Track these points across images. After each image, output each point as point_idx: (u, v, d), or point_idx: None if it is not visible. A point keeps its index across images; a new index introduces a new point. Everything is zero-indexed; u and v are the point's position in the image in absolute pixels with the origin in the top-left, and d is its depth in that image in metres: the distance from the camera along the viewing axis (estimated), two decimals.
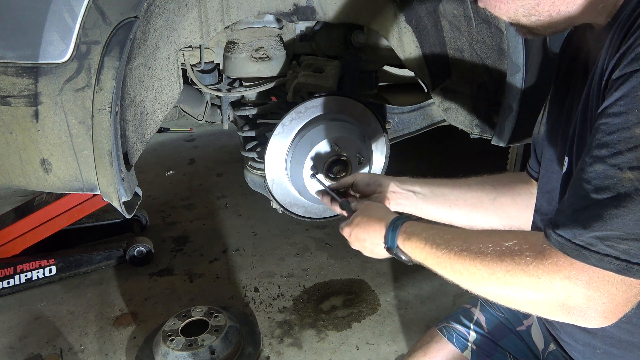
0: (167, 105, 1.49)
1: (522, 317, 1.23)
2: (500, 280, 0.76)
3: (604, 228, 0.65)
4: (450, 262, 0.85)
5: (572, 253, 0.68)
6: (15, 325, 2.19)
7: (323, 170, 1.54)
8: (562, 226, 0.70)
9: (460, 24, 1.56)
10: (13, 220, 2.42)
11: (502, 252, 0.77)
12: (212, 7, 1.51)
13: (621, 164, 0.65)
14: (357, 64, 1.81)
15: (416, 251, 0.93)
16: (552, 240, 0.71)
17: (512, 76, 1.48)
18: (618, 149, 0.66)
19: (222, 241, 2.83)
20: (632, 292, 0.68)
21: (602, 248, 0.66)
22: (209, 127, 4.54)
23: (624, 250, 0.65)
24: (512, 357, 1.20)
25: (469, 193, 1.23)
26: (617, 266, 0.65)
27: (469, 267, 0.81)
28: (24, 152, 1.19)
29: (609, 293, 0.68)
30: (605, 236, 0.65)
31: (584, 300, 0.69)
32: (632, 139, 0.65)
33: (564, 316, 0.72)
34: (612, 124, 0.67)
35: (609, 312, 0.69)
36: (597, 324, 0.70)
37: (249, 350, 2.00)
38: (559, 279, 0.70)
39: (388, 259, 1.04)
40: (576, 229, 0.68)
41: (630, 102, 0.65)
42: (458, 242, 0.85)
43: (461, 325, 1.25)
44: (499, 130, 1.60)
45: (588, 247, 0.67)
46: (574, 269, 0.69)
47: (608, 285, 0.67)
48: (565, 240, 0.69)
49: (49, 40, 1.08)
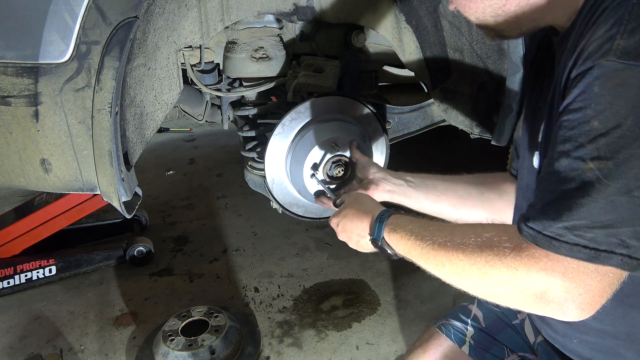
0: (167, 105, 1.49)
1: (516, 311, 1.25)
2: (480, 270, 0.78)
3: (571, 218, 0.68)
4: (434, 253, 0.86)
5: (543, 245, 0.71)
6: (15, 325, 2.19)
7: (323, 170, 1.54)
8: (533, 219, 0.72)
9: (460, 24, 1.56)
10: (13, 220, 2.42)
11: (483, 243, 0.79)
12: (212, 7, 1.51)
13: (584, 155, 0.68)
14: (357, 64, 1.81)
15: (401, 243, 0.95)
16: (524, 234, 0.73)
17: (512, 76, 1.48)
18: (580, 142, 0.69)
19: (222, 241, 2.83)
20: (606, 281, 0.70)
21: (570, 238, 0.68)
22: (209, 127, 4.54)
23: (591, 238, 0.67)
24: (508, 350, 1.22)
25: (458, 186, 1.27)
26: (586, 254, 0.68)
27: (452, 257, 0.82)
28: (24, 152, 1.19)
29: (585, 284, 0.69)
30: (573, 226, 0.68)
31: (561, 292, 0.71)
32: (591, 131, 0.68)
33: (542, 309, 0.74)
34: (573, 120, 0.70)
35: (585, 304, 0.70)
36: (575, 316, 0.72)
37: (249, 350, 2.00)
38: (536, 271, 0.72)
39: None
40: (546, 221, 0.70)
41: (587, 98, 0.69)
42: (442, 235, 0.87)
43: (459, 322, 1.27)
44: (499, 130, 1.60)
45: (558, 237, 0.69)
46: (550, 260, 0.71)
47: (583, 275, 0.69)
48: (536, 232, 0.71)
49: (49, 40, 1.08)
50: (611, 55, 0.68)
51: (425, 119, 2.02)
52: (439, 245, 0.85)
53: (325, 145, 1.52)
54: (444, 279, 0.86)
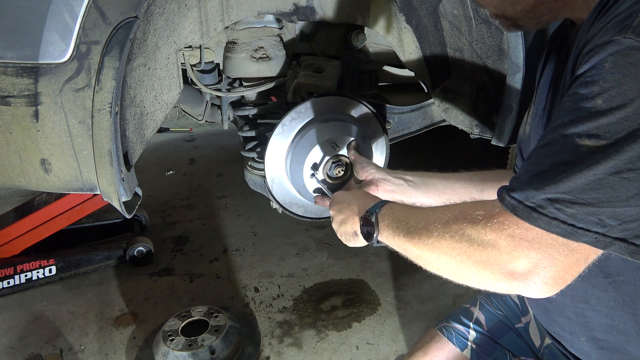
0: (167, 105, 1.49)
1: (519, 314, 1.24)
2: (453, 239, 0.78)
3: (555, 190, 0.66)
4: (415, 227, 0.86)
5: (522, 215, 0.69)
6: (15, 325, 2.19)
7: (323, 170, 1.54)
8: (517, 189, 0.71)
9: (460, 24, 1.56)
10: (13, 220, 2.42)
11: (458, 213, 0.79)
12: (212, 7, 1.51)
13: (581, 131, 0.66)
14: (357, 64, 1.81)
15: (391, 219, 0.95)
16: (505, 203, 0.72)
17: (512, 76, 1.48)
18: (579, 117, 0.67)
19: (222, 241, 2.83)
20: (573, 257, 0.69)
21: (551, 211, 0.67)
22: (209, 127, 4.54)
23: (571, 214, 0.66)
24: (511, 354, 1.21)
25: (458, 183, 1.27)
26: (563, 230, 0.66)
27: (429, 228, 0.82)
28: (24, 152, 1.19)
29: (551, 257, 0.68)
30: (556, 199, 0.66)
31: (526, 263, 0.70)
32: (593, 108, 0.66)
33: (506, 282, 0.73)
34: (578, 94, 0.68)
35: (551, 278, 0.69)
36: (539, 291, 0.71)
37: (249, 350, 2.00)
38: (503, 237, 0.71)
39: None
40: (529, 191, 0.69)
41: (596, 73, 0.67)
42: (427, 213, 0.87)
43: (461, 325, 1.25)
44: (498, 130, 1.60)
45: (538, 209, 0.68)
46: (519, 227, 0.70)
47: (550, 248, 0.68)
48: (517, 202, 0.70)
49: (49, 40, 1.08)
50: (630, 32, 0.64)
51: (425, 119, 2.02)
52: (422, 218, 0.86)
53: (325, 145, 1.52)
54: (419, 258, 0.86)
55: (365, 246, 1.09)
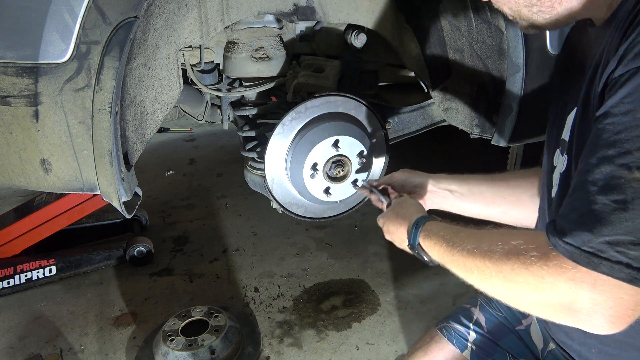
0: (167, 105, 1.49)
1: (521, 316, 1.24)
2: (506, 278, 0.75)
3: (614, 232, 0.62)
4: (463, 260, 0.86)
5: (582, 262, 0.65)
6: (15, 325, 2.19)
7: (323, 170, 1.54)
8: (569, 233, 0.66)
9: (460, 24, 1.56)
10: (13, 220, 2.41)
11: (509, 250, 0.76)
12: (212, 7, 1.51)
13: (630, 163, 0.62)
14: (357, 64, 1.81)
15: (434, 249, 0.96)
16: (560, 250, 0.68)
17: (512, 76, 1.48)
18: (626, 149, 0.62)
19: (222, 241, 2.83)
20: (639, 296, 0.65)
21: (612, 255, 0.62)
22: (209, 127, 4.54)
23: (635, 257, 0.61)
24: (511, 356, 1.20)
25: (508, 190, 1.23)
26: (627, 275, 0.62)
27: (479, 265, 0.81)
28: (24, 152, 1.19)
29: (616, 297, 0.65)
30: (616, 241, 0.62)
31: (590, 304, 0.66)
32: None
33: (570, 320, 0.70)
34: (619, 123, 0.64)
35: (616, 317, 0.66)
36: (604, 329, 0.67)
37: (249, 350, 2.00)
38: (563, 281, 0.68)
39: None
40: (584, 235, 0.64)
41: (637, 100, 0.63)
42: (471, 241, 0.86)
43: (461, 325, 1.25)
44: (499, 130, 1.60)
45: (598, 254, 0.63)
46: (578, 271, 0.66)
47: (615, 288, 0.64)
48: (575, 248, 0.66)
49: (49, 40, 1.08)
50: None
51: (425, 119, 2.02)
52: (467, 252, 0.84)
53: (326, 145, 1.52)
54: (475, 286, 0.85)
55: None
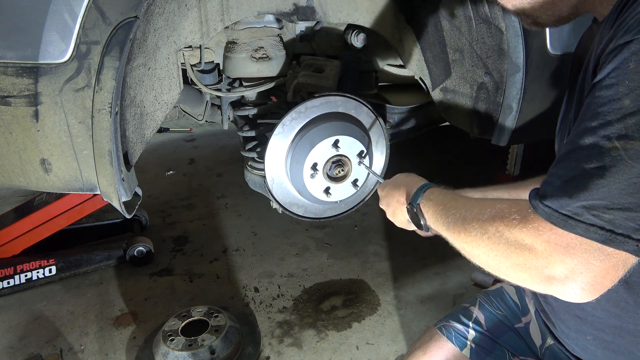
0: (167, 105, 1.49)
1: (520, 314, 1.24)
2: (490, 239, 0.78)
3: (590, 197, 0.65)
4: (454, 222, 0.89)
5: (558, 223, 0.68)
6: (15, 325, 2.19)
7: (323, 170, 1.54)
8: (550, 197, 0.70)
9: (460, 24, 1.56)
10: (13, 220, 2.42)
11: (495, 213, 0.80)
12: (212, 7, 1.51)
13: (610, 134, 0.65)
14: (357, 64, 1.81)
15: (431, 210, 1.00)
16: (539, 212, 0.71)
17: (512, 76, 1.48)
18: (607, 120, 0.66)
19: (222, 241, 2.83)
20: (609, 262, 0.67)
21: (587, 217, 0.66)
22: (209, 127, 4.54)
23: (609, 220, 0.64)
24: (510, 354, 1.21)
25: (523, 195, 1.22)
26: (601, 236, 0.65)
27: (467, 226, 0.84)
28: (24, 152, 1.19)
29: (587, 262, 0.67)
30: (592, 205, 0.65)
31: (562, 268, 0.69)
32: (621, 109, 0.65)
33: (545, 285, 0.72)
34: (604, 96, 0.67)
35: (587, 284, 0.68)
36: (577, 297, 0.70)
37: (249, 350, 2.00)
38: (539, 242, 0.71)
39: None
40: (563, 199, 0.68)
41: (621, 74, 0.66)
42: (466, 207, 0.89)
43: (460, 324, 1.25)
44: (499, 131, 1.60)
45: (574, 216, 0.67)
46: (554, 233, 0.69)
47: (585, 253, 0.67)
48: (552, 210, 0.69)
49: (49, 40, 1.08)
50: None
51: (425, 119, 2.02)
52: (460, 215, 0.88)
53: (326, 145, 1.52)
54: (461, 250, 0.87)
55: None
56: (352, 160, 1.57)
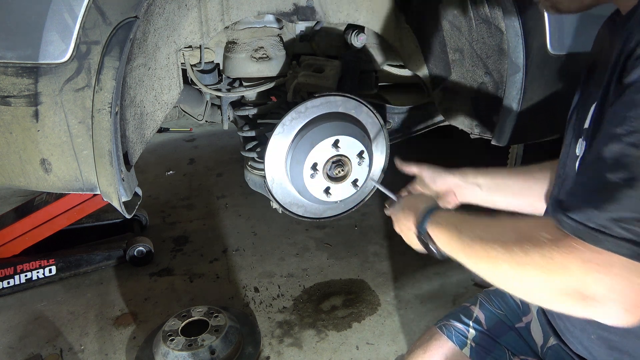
0: (167, 105, 1.49)
1: (520, 314, 1.24)
2: (516, 261, 0.73)
3: (618, 209, 0.61)
4: (472, 245, 0.83)
5: (586, 237, 0.64)
6: (15, 325, 2.19)
7: (323, 170, 1.54)
8: (575, 209, 0.65)
9: (460, 24, 1.56)
10: (13, 220, 2.42)
11: (520, 233, 0.75)
12: (212, 7, 1.51)
13: (637, 141, 0.61)
14: (357, 64, 1.81)
15: (443, 236, 0.94)
16: (564, 225, 0.67)
17: (512, 76, 1.48)
18: (635, 127, 0.62)
19: (222, 241, 2.83)
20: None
21: (617, 231, 0.61)
22: (209, 127, 4.54)
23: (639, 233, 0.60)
24: (510, 354, 1.21)
25: (537, 185, 1.21)
26: (630, 250, 0.61)
27: (488, 249, 0.78)
28: (24, 152, 1.19)
29: (631, 281, 0.62)
30: (620, 218, 0.61)
31: (603, 288, 0.64)
32: None
33: (582, 308, 0.67)
34: (630, 102, 0.64)
35: (630, 303, 0.63)
36: (620, 319, 0.65)
37: (249, 350, 2.00)
38: (573, 261, 0.66)
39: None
40: (590, 211, 0.64)
41: None
42: (481, 227, 0.84)
43: (460, 323, 1.26)
44: (499, 131, 1.60)
45: (602, 230, 0.62)
46: (588, 250, 0.64)
47: (629, 272, 0.62)
48: (578, 223, 0.65)
49: (49, 40, 1.08)
50: None
51: (425, 119, 2.02)
52: (477, 237, 0.83)
53: (326, 145, 1.52)
54: (483, 275, 0.82)
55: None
56: (352, 160, 1.57)
